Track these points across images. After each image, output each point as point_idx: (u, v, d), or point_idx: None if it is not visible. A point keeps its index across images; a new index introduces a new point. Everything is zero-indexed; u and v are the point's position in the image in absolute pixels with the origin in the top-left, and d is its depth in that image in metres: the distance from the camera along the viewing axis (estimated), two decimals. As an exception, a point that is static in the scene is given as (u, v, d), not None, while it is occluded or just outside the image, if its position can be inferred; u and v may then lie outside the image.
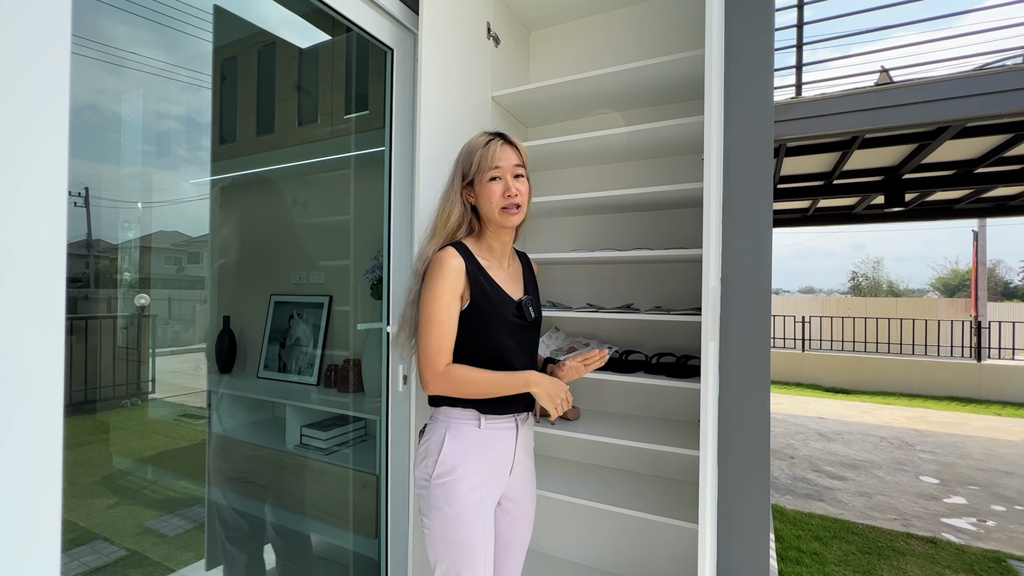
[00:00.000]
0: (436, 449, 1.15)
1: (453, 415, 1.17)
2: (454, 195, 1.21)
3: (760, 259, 1.66)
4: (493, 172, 1.16)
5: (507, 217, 1.16)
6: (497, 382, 1.14)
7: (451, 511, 1.11)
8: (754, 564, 1.64)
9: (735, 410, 1.67)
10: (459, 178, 1.21)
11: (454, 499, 1.12)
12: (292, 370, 2.06)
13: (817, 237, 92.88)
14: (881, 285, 31.96)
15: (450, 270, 1.12)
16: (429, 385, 1.12)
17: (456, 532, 1.11)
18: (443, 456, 1.14)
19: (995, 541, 2.87)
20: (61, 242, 0.67)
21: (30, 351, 0.64)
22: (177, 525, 1.91)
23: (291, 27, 2.10)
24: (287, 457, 1.90)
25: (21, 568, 0.64)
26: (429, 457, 1.16)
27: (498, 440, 1.20)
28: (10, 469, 0.63)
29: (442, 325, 1.11)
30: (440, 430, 1.17)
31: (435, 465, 1.14)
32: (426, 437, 1.20)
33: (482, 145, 1.17)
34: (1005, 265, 34.56)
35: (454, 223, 1.20)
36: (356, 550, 1.85)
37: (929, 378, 7.53)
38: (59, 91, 0.66)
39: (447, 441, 1.15)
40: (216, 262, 2.08)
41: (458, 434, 1.16)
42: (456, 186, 1.21)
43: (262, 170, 2.17)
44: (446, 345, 1.12)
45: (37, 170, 0.64)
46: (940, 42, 4.26)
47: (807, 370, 8.41)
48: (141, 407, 1.96)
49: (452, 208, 1.20)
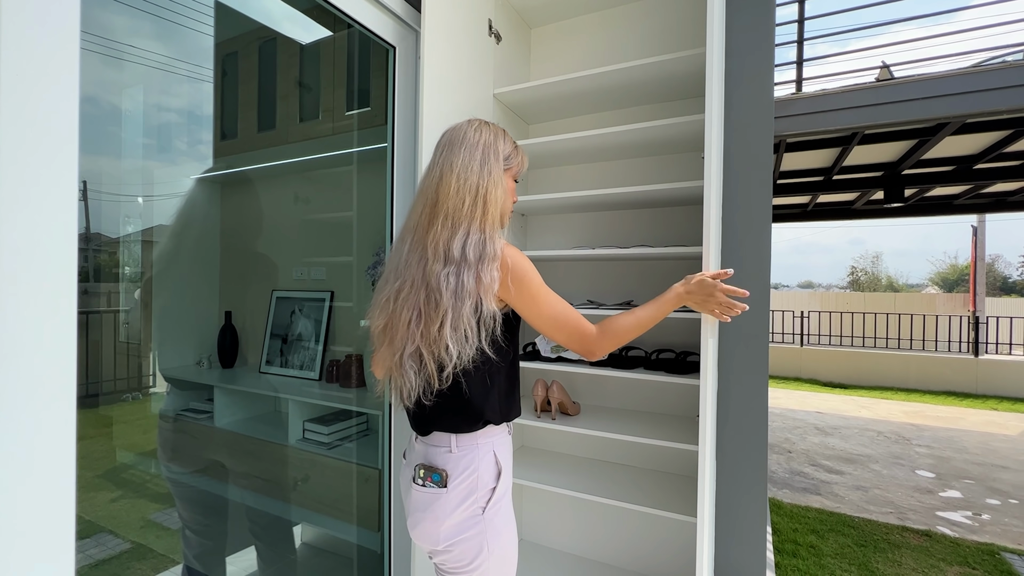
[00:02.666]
0: (492, 476, 1.01)
1: (495, 432, 1.05)
2: (500, 175, 1.03)
3: (759, 255, 1.67)
4: (518, 175, 1.13)
5: (506, 219, 1.10)
6: (651, 313, 1.08)
7: (510, 528, 1.04)
8: (751, 557, 1.67)
9: (734, 405, 1.69)
10: (501, 160, 1.05)
11: (510, 515, 1.05)
12: (294, 365, 2.08)
13: (816, 232, 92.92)
14: (880, 280, 32.01)
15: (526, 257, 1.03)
16: (599, 352, 1.04)
17: (513, 546, 1.04)
18: (503, 478, 1.02)
19: (989, 534, 2.90)
20: (72, 240, 0.68)
21: (45, 347, 0.65)
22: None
23: (293, 23, 2.10)
24: (290, 451, 1.92)
25: (39, 558, 0.65)
26: (480, 490, 0.99)
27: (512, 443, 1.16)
28: (29, 462, 0.64)
29: (563, 303, 1.05)
30: (487, 455, 1.02)
31: (492, 493, 1.00)
32: (463, 473, 0.99)
33: (513, 145, 1.10)
34: (1004, 260, 34.62)
35: (501, 207, 1.03)
36: (359, 543, 1.87)
37: (927, 373, 7.57)
38: (69, 94, 0.67)
39: (502, 461, 1.04)
40: (218, 257, 2.09)
41: (504, 450, 1.06)
42: (500, 166, 1.04)
43: (263, 166, 2.17)
44: (579, 316, 1.05)
45: (49, 171, 0.65)
46: (940, 38, 4.26)
47: (805, 365, 8.44)
48: (143, 401, 1.97)
49: (498, 190, 1.01)
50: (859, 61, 10.11)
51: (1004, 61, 3.33)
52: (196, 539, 1.79)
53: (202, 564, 1.78)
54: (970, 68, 3.13)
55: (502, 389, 1.04)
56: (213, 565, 1.82)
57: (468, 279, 0.93)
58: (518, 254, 1.00)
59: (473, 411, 1.00)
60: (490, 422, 1.02)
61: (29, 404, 0.64)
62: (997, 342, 8.02)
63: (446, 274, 0.93)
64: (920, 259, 60.63)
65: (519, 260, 0.99)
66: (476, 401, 1.00)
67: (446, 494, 0.98)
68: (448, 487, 0.98)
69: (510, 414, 1.07)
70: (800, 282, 59.08)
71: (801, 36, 3.91)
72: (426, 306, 0.94)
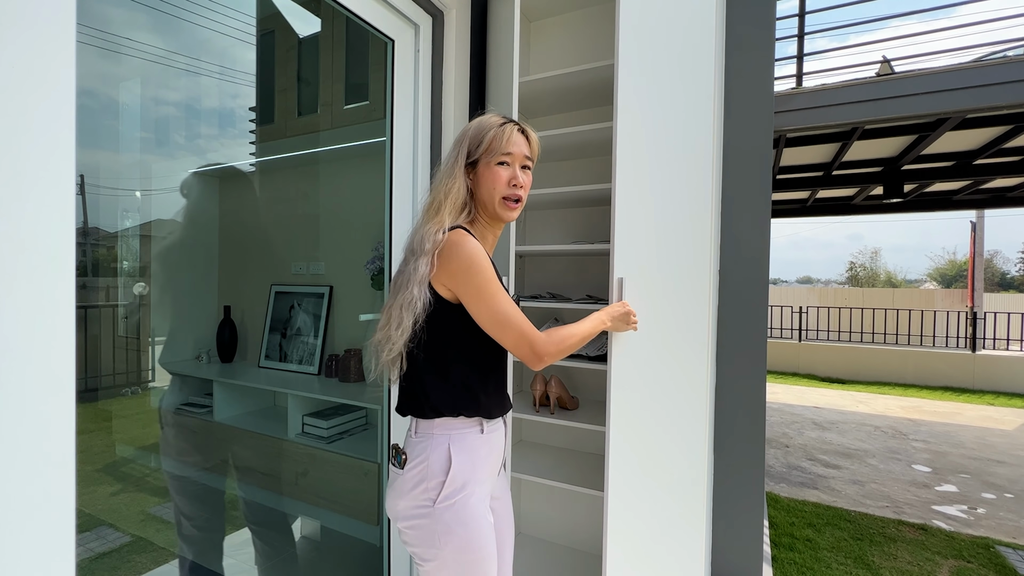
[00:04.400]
0: (441, 468, 1.00)
1: (454, 426, 1.04)
2: (457, 171, 1.06)
3: (759, 250, 1.67)
4: (503, 156, 1.06)
5: (506, 209, 1.08)
6: (586, 330, 1.15)
7: (466, 532, 0.99)
8: (749, 550, 1.68)
9: (732, 400, 1.69)
10: (463, 155, 1.07)
11: (467, 518, 0.99)
12: (293, 360, 2.08)
13: (815, 227, 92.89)
14: (878, 276, 32.05)
15: (484, 254, 1.01)
16: (543, 360, 1.04)
17: (473, 552, 0.99)
18: (452, 475, 1.00)
19: (984, 528, 2.92)
20: (70, 233, 0.68)
21: (45, 340, 0.65)
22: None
23: (293, 15, 2.09)
24: (289, 445, 1.93)
25: (39, 550, 0.66)
26: (430, 480, 1.00)
27: (496, 443, 1.10)
28: (29, 455, 0.64)
29: (512, 304, 1.02)
30: (440, 447, 1.02)
31: (442, 487, 0.99)
32: (417, 459, 1.02)
33: (496, 125, 1.08)
34: (1003, 256, 34.69)
35: (460, 201, 1.06)
36: (358, 537, 1.88)
37: (924, 368, 7.59)
38: (66, 87, 0.66)
39: (454, 456, 1.01)
40: (217, 252, 2.09)
41: (463, 446, 1.03)
42: (460, 162, 1.07)
43: (264, 159, 2.16)
44: (526, 320, 1.04)
45: (47, 164, 0.65)
46: (940, 33, 4.24)
47: (803, 360, 8.46)
48: (142, 396, 1.97)
49: (453, 184, 1.05)
50: (859, 56, 10.08)
51: (1005, 56, 3.32)
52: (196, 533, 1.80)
53: (201, 557, 1.79)
54: (971, 63, 3.13)
55: (462, 383, 1.04)
56: (212, 558, 1.82)
57: (410, 269, 1.01)
58: (468, 248, 0.99)
59: (423, 399, 1.04)
60: (441, 413, 1.03)
61: (29, 397, 0.64)
62: (995, 337, 8.04)
63: (399, 270, 1.05)
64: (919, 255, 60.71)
65: (466, 252, 0.98)
66: (427, 390, 1.03)
67: (403, 475, 1.03)
68: (403, 469, 1.04)
69: (468, 410, 1.04)
70: (798, 277, 59.14)
71: (801, 30, 3.90)
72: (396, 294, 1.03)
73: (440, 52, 1.69)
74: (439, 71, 1.69)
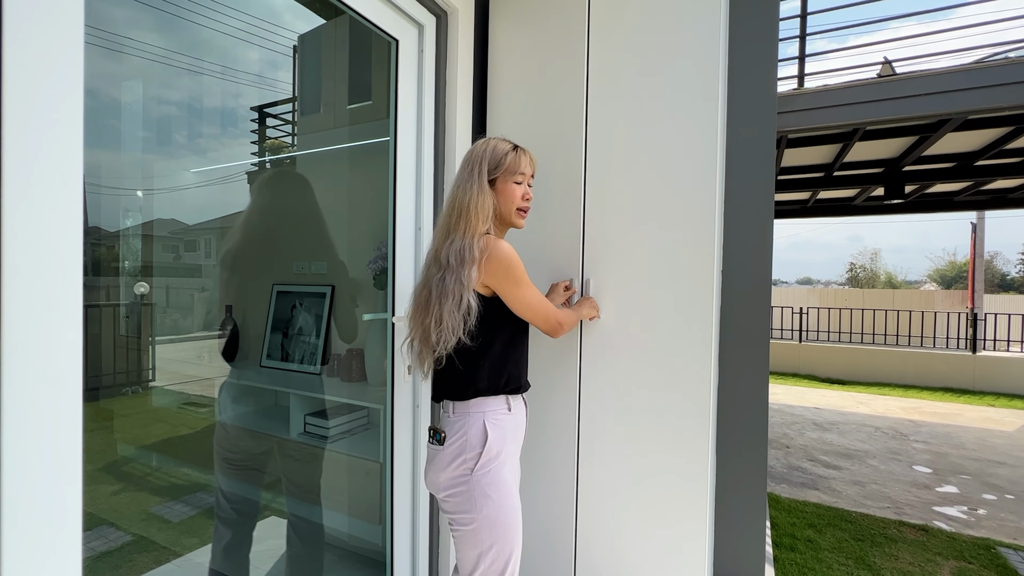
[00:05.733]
0: (479, 441, 1.17)
1: (488, 404, 1.21)
2: (482, 186, 1.22)
3: (761, 250, 1.67)
4: (518, 176, 1.26)
5: (519, 218, 1.28)
6: (581, 315, 1.48)
7: (498, 496, 1.15)
8: (751, 550, 1.68)
9: (735, 401, 1.69)
10: (485, 173, 1.23)
11: (500, 483, 1.16)
12: (295, 359, 2.08)
13: (815, 228, 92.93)
14: (879, 277, 32.07)
15: (515, 252, 1.19)
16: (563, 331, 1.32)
17: (505, 515, 1.15)
18: (489, 445, 1.16)
19: (985, 529, 2.92)
20: (77, 233, 0.68)
21: (53, 340, 0.65)
22: (181, 511, 1.94)
23: (294, 13, 2.09)
24: (291, 445, 1.92)
25: (46, 546, 0.66)
26: (469, 451, 1.17)
27: (521, 420, 1.28)
28: (37, 454, 0.64)
29: (539, 292, 1.25)
30: (476, 422, 1.19)
31: (479, 457, 1.16)
32: (456, 435, 1.19)
33: (511, 149, 1.26)
34: (1003, 257, 34.73)
35: (490, 212, 1.21)
36: (362, 536, 1.88)
37: (925, 369, 7.59)
38: (74, 87, 0.66)
39: (490, 431, 1.18)
40: (218, 250, 2.08)
41: (496, 421, 1.20)
42: (483, 179, 1.22)
43: (266, 159, 2.16)
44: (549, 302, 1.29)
45: (55, 164, 0.65)
46: (942, 34, 4.24)
47: (804, 361, 8.46)
48: (143, 395, 1.97)
49: (483, 198, 1.20)
50: (861, 57, 10.10)
51: (1006, 57, 3.33)
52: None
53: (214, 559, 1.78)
54: (972, 64, 3.13)
55: (495, 364, 1.21)
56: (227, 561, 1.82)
57: (450, 281, 1.14)
58: (506, 250, 1.17)
59: (464, 383, 1.20)
60: (480, 393, 1.20)
61: (38, 396, 0.64)
62: (995, 338, 8.04)
63: (439, 279, 1.16)
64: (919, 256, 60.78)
65: (505, 254, 1.16)
66: (467, 375, 1.20)
67: (443, 451, 1.20)
68: (444, 445, 1.20)
69: (506, 386, 1.23)
70: (799, 278, 59.18)
71: (803, 31, 3.90)
72: (426, 303, 1.18)
73: (444, 52, 1.69)
74: (443, 71, 1.69)
